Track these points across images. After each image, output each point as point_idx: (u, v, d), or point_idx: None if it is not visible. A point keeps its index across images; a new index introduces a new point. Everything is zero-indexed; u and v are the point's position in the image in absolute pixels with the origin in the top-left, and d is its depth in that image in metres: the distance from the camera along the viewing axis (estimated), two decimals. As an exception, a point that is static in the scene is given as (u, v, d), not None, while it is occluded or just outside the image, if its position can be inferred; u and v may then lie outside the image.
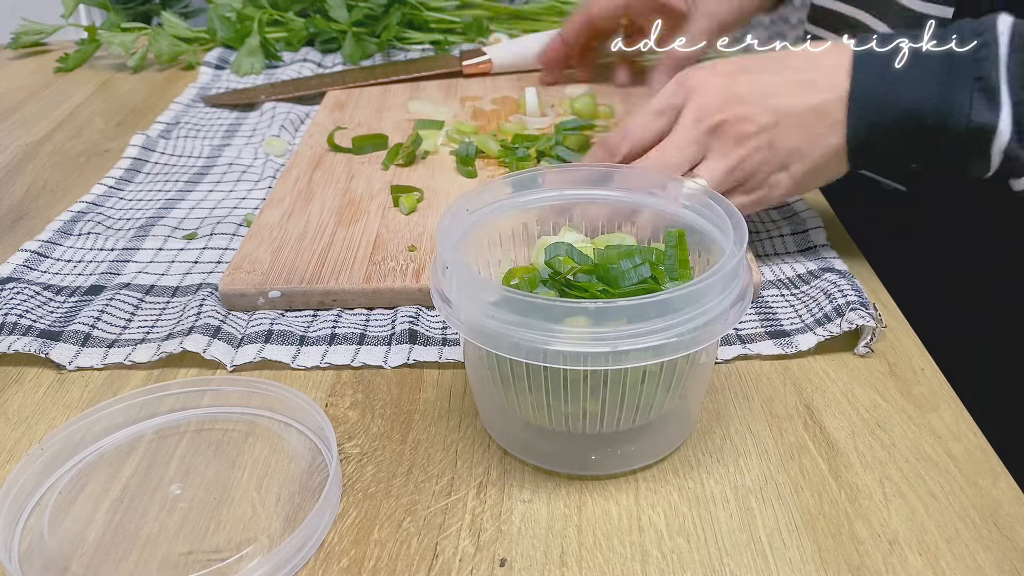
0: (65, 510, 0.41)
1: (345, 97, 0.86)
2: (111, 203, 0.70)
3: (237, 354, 0.51)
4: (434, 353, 0.50)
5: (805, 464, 0.43)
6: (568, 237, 0.45)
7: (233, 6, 1.04)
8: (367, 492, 0.42)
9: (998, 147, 0.49)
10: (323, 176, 0.69)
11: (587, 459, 0.42)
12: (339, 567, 0.38)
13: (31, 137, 0.84)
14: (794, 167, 0.54)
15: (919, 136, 0.51)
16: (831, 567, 0.37)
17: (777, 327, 0.52)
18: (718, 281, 0.38)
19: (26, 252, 0.62)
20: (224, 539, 0.39)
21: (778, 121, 0.53)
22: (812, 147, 0.53)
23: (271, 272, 0.56)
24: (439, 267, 0.41)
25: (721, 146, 0.54)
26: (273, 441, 0.45)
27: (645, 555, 0.38)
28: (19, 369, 0.51)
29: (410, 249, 0.58)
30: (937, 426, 0.45)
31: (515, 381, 0.40)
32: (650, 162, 0.55)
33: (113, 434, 0.45)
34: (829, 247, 0.59)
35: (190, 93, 0.92)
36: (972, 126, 0.49)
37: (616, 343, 0.36)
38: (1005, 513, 0.40)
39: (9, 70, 1.04)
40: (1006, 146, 0.49)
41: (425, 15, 1.04)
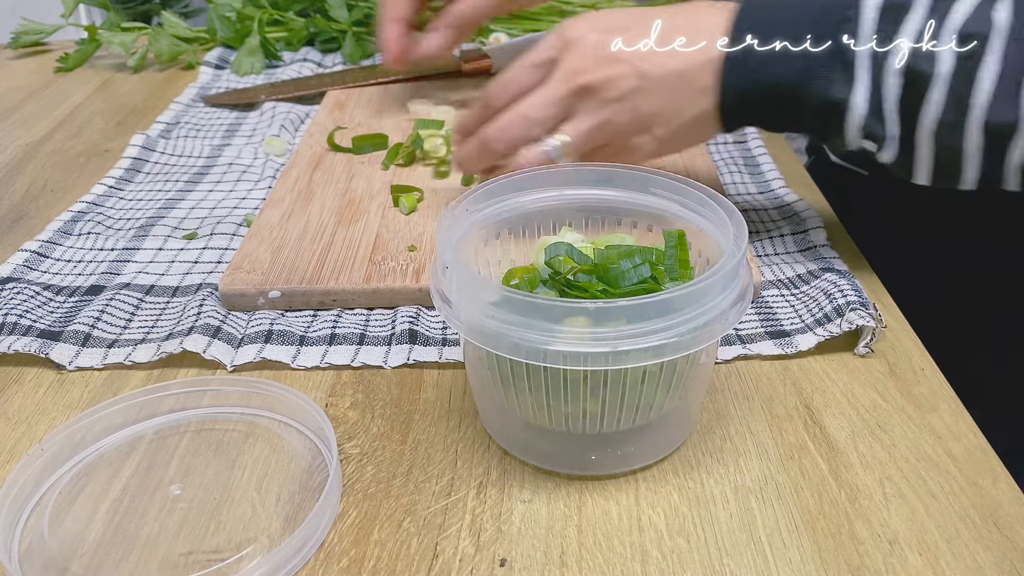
0: (65, 510, 0.41)
1: (345, 97, 0.86)
2: (111, 203, 0.70)
3: (237, 354, 0.51)
4: (434, 353, 0.50)
5: (805, 464, 0.43)
6: (568, 237, 0.45)
7: (233, 6, 1.04)
8: (367, 492, 0.42)
9: (853, 122, 0.50)
10: (323, 176, 0.69)
11: (587, 459, 0.42)
12: (339, 567, 0.38)
13: (31, 137, 0.84)
14: (657, 130, 0.55)
15: (783, 106, 0.52)
16: (831, 567, 0.37)
17: (777, 327, 0.52)
18: (718, 281, 0.38)
19: (26, 252, 0.62)
20: (224, 539, 0.39)
21: (643, 85, 0.53)
22: (677, 111, 0.54)
23: (271, 272, 0.56)
24: (439, 267, 0.41)
25: (586, 106, 0.54)
26: (273, 441, 0.45)
27: (645, 555, 0.38)
28: (19, 369, 0.51)
29: (410, 249, 0.58)
30: (937, 426, 0.45)
31: (515, 381, 0.40)
32: (511, 114, 0.56)
33: (113, 434, 0.45)
34: (829, 247, 0.59)
35: (190, 93, 0.92)
36: (828, 100, 0.50)
37: (616, 343, 0.36)
38: (1005, 513, 0.40)
39: (9, 70, 1.04)
40: (861, 122, 0.50)
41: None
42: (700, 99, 0.53)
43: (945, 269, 0.72)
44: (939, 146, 0.49)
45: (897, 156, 0.50)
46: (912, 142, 0.49)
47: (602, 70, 0.53)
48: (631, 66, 0.53)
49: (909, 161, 0.50)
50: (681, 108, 0.54)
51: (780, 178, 0.69)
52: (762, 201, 0.67)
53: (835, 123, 0.51)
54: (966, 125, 0.47)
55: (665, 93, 0.53)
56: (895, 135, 0.49)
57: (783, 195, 0.66)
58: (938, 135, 0.48)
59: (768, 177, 0.70)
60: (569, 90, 0.54)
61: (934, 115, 0.48)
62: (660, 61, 0.53)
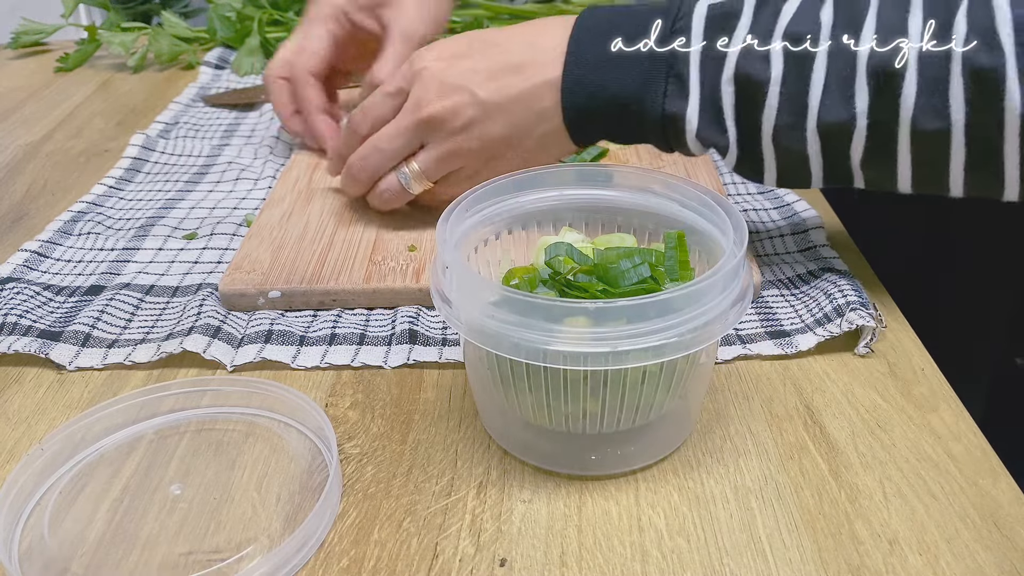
0: (65, 510, 0.41)
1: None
2: (111, 203, 0.70)
3: (237, 354, 0.51)
4: (434, 353, 0.50)
5: (805, 464, 0.43)
6: (568, 237, 0.45)
7: (233, 6, 1.04)
8: (367, 492, 0.42)
9: (690, 134, 0.51)
10: (323, 176, 0.69)
11: (587, 459, 0.42)
12: (339, 567, 0.38)
13: (31, 137, 0.84)
14: (509, 152, 0.56)
15: (625, 120, 0.53)
16: (831, 567, 0.37)
17: (777, 327, 0.52)
18: (718, 281, 0.38)
19: (26, 252, 0.62)
20: (224, 539, 0.39)
21: (484, 113, 0.54)
22: (524, 134, 0.55)
23: (271, 272, 0.56)
24: (439, 267, 0.41)
25: (434, 136, 0.56)
26: (273, 441, 0.45)
27: (645, 555, 0.38)
28: (19, 369, 0.51)
29: (410, 249, 0.58)
30: (937, 426, 0.45)
31: (515, 381, 0.40)
32: (367, 145, 0.58)
33: (113, 434, 0.45)
34: (829, 247, 0.59)
35: (190, 93, 0.92)
36: (665, 114, 0.51)
37: (616, 343, 0.36)
38: (1005, 513, 0.40)
39: (9, 70, 1.04)
40: (698, 132, 0.50)
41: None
42: (543, 120, 0.54)
43: (945, 269, 0.72)
44: (780, 149, 0.49)
45: (740, 161, 0.51)
46: (754, 147, 0.50)
47: (442, 101, 0.55)
48: (470, 95, 0.54)
49: (755, 165, 0.51)
50: (526, 131, 0.55)
51: (780, 178, 0.69)
52: (762, 201, 0.67)
53: (674, 135, 0.52)
54: (804, 127, 0.48)
55: (507, 118, 0.54)
56: (734, 142, 0.50)
57: (783, 195, 0.66)
58: (777, 139, 0.49)
59: (768, 177, 0.70)
60: (414, 122, 0.56)
61: (771, 119, 0.48)
62: (498, 87, 0.54)
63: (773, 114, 0.48)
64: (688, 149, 0.52)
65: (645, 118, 0.52)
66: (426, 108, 0.55)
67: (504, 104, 0.54)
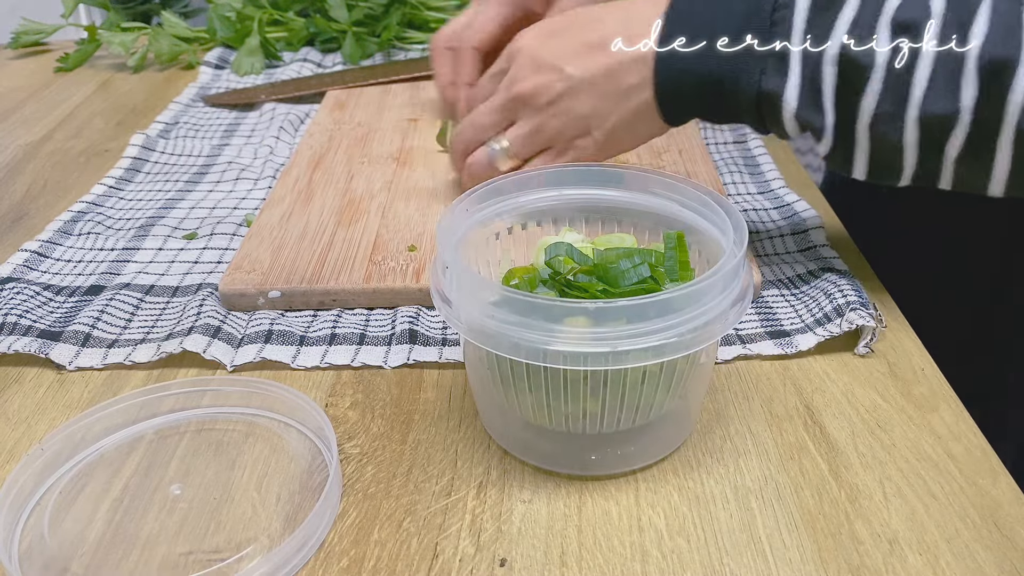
0: (65, 510, 0.41)
1: (345, 97, 0.86)
2: (111, 203, 0.70)
3: (237, 354, 0.51)
4: (434, 353, 0.50)
5: (805, 464, 0.43)
6: (568, 237, 0.45)
7: (233, 6, 1.04)
8: (367, 492, 0.42)
9: (788, 113, 0.49)
10: (323, 176, 0.69)
11: (587, 459, 0.42)
12: (339, 567, 0.38)
13: (31, 137, 0.84)
14: (596, 131, 0.56)
15: (719, 99, 0.51)
16: (831, 567, 0.37)
17: (777, 327, 0.52)
18: (718, 281, 0.38)
19: (26, 252, 0.62)
20: (224, 539, 0.39)
21: (572, 88, 0.54)
22: (611, 110, 0.54)
23: (271, 272, 0.56)
24: (439, 267, 0.41)
25: (525, 112, 0.57)
26: (273, 441, 0.45)
27: (645, 555, 0.38)
28: (19, 369, 0.51)
29: (410, 249, 0.58)
30: (937, 426, 0.45)
31: (515, 381, 0.40)
32: (466, 121, 0.60)
33: (113, 434, 0.45)
34: (829, 247, 0.59)
35: (190, 93, 0.92)
36: (761, 92, 0.49)
37: (616, 343, 0.36)
38: (1005, 513, 0.40)
39: (9, 70, 1.04)
40: (796, 113, 0.49)
41: (425, 15, 1.04)
42: (632, 96, 0.53)
43: (945, 269, 0.72)
44: (876, 138, 0.48)
45: (833, 148, 0.50)
46: (849, 134, 0.49)
47: (533, 78, 0.55)
48: (558, 71, 0.54)
49: (847, 154, 0.50)
50: (614, 107, 0.54)
51: (780, 178, 0.69)
52: (762, 201, 0.67)
53: (771, 114, 0.50)
54: (904, 116, 0.46)
55: (594, 94, 0.54)
56: (831, 125, 0.49)
57: (783, 195, 0.66)
58: (875, 127, 0.47)
59: (768, 177, 0.70)
60: (507, 99, 0.57)
61: (871, 106, 0.47)
62: (587, 62, 0.54)
63: (874, 101, 0.47)
64: (784, 130, 0.51)
65: (741, 96, 0.50)
66: (517, 85, 0.56)
67: (592, 78, 0.53)
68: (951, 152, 0.47)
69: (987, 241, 0.70)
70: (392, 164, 0.71)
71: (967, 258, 0.71)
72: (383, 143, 0.75)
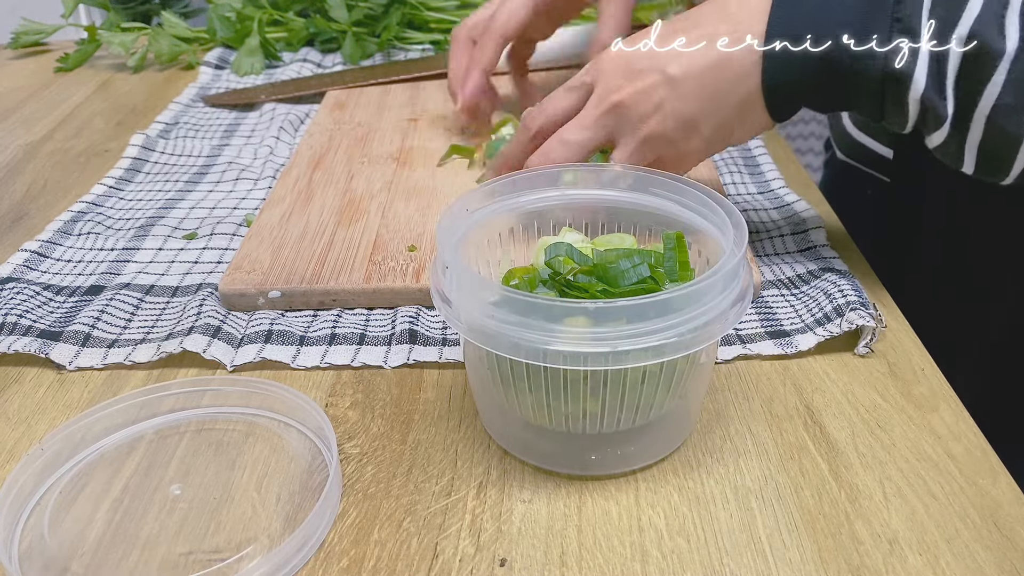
0: (65, 510, 0.41)
1: (345, 97, 0.86)
2: (111, 203, 0.70)
3: (237, 354, 0.51)
4: (434, 353, 0.50)
5: (805, 464, 0.43)
6: (568, 237, 0.45)
7: (233, 6, 1.04)
8: (367, 492, 0.42)
9: (914, 96, 0.47)
10: (323, 176, 0.69)
11: (587, 459, 0.42)
12: (339, 567, 0.38)
13: (31, 137, 0.84)
14: (704, 128, 0.53)
15: (835, 84, 0.49)
16: (831, 567, 0.37)
17: (777, 327, 0.52)
18: (718, 281, 0.38)
19: (26, 252, 0.62)
20: (224, 539, 0.39)
21: (675, 89, 0.52)
22: (718, 106, 0.52)
23: (271, 272, 0.56)
24: (439, 267, 0.41)
25: (625, 126, 0.53)
26: (273, 441, 0.45)
27: (645, 555, 0.38)
28: (19, 369, 0.51)
29: (410, 249, 0.58)
30: (937, 426, 0.45)
31: (515, 381, 0.40)
32: (552, 140, 0.55)
33: (113, 434, 0.45)
34: (829, 247, 0.59)
35: (190, 93, 0.92)
36: (887, 72, 0.47)
37: (616, 343, 0.36)
38: (1005, 513, 0.40)
39: (9, 70, 1.04)
40: (922, 94, 0.47)
41: (425, 15, 1.04)
42: (739, 86, 0.51)
43: (945, 269, 0.72)
44: (993, 130, 0.46)
45: (948, 137, 0.48)
46: (965, 124, 0.47)
47: (632, 85, 0.52)
48: (659, 73, 0.52)
49: (959, 145, 0.48)
50: (722, 101, 0.51)
51: (780, 178, 0.69)
52: (762, 201, 0.67)
53: (895, 97, 0.48)
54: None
55: (700, 91, 0.51)
56: (951, 113, 0.47)
57: (783, 195, 0.66)
58: (994, 118, 0.46)
59: (768, 177, 0.70)
60: (603, 110, 0.53)
61: (992, 96, 0.45)
62: (687, 60, 0.51)
63: (997, 91, 0.45)
64: (904, 115, 0.49)
65: (863, 79, 0.48)
66: (615, 93, 0.53)
67: (697, 74, 0.51)
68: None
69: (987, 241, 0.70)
70: (392, 164, 0.71)
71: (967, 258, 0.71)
72: (383, 143, 0.75)
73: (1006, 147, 0.47)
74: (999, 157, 0.48)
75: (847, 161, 0.81)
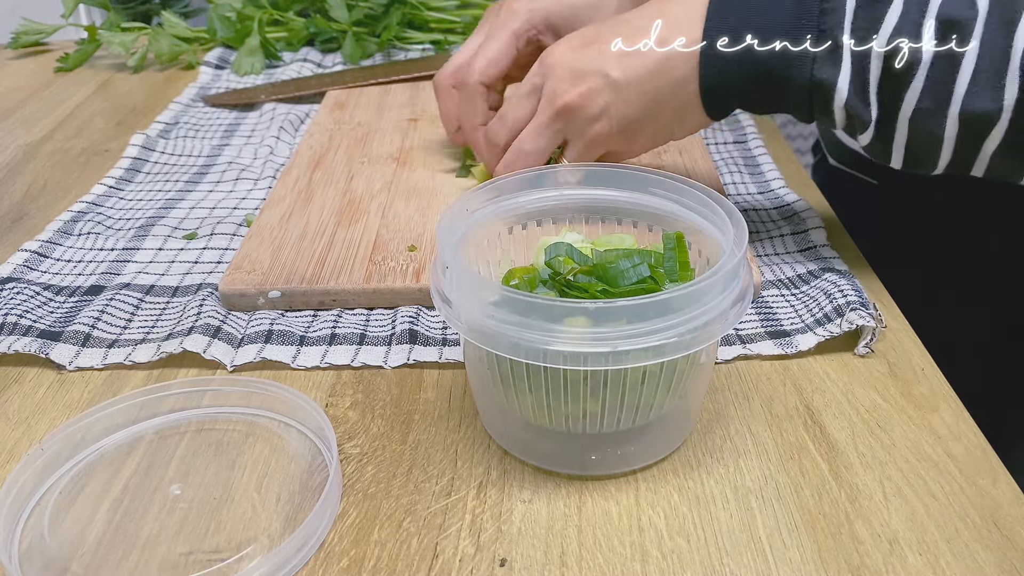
0: (65, 510, 0.41)
1: (345, 97, 0.86)
2: (111, 203, 0.70)
3: (237, 354, 0.51)
4: (434, 353, 0.50)
5: (805, 464, 0.43)
6: (568, 237, 0.45)
7: (233, 6, 1.04)
8: (367, 492, 0.42)
9: (839, 103, 0.49)
10: (323, 176, 0.69)
11: (587, 459, 0.42)
12: (339, 567, 0.38)
13: (31, 137, 0.84)
14: (647, 129, 0.55)
15: (767, 88, 0.51)
16: (831, 567, 0.37)
17: (777, 327, 0.52)
18: (718, 281, 0.38)
19: (26, 252, 0.62)
20: (224, 539, 0.39)
21: (618, 93, 0.53)
22: (660, 109, 0.54)
23: (271, 272, 0.56)
24: (439, 267, 0.41)
25: (574, 128, 0.55)
26: (273, 441, 0.45)
27: (645, 555, 0.38)
28: (19, 369, 0.51)
29: (410, 249, 0.58)
30: (937, 426, 0.45)
31: (515, 381, 0.40)
32: (511, 152, 0.58)
33: (113, 434, 0.45)
34: (829, 247, 0.59)
35: (190, 93, 0.92)
36: (813, 81, 0.49)
37: (616, 343, 0.36)
38: (1005, 513, 0.40)
39: (9, 70, 1.04)
40: (845, 102, 0.49)
41: (425, 15, 1.04)
42: (679, 91, 0.53)
43: (945, 269, 0.72)
44: (915, 132, 0.48)
45: (873, 140, 0.50)
46: (889, 126, 0.49)
47: (576, 88, 0.54)
48: (603, 77, 0.53)
49: (886, 145, 0.50)
50: (663, 104, 0.54)
51: (780, 178, 0.69)
52: (762, 201, 0.67)
53: (822, 104, 0.50)
54: (946, 112, 0.47)
55: (642, 95, 0.53)
56: (875, 118, 0.49)
57: (783, 195, 0.66)
58: (915, 121, 0.48)
59: (768, 177, 0.70)
60: (552, 115, 0.55)
61: (912, 101, 0.47)
62: (630, 63, 0.53)
63: (916, 96, 0.47)
64: (832, 120, 0.51)
65: (791, 85, 0.50)
66: (560, 98, 0.54)
67: (639, 79, 0.53)
68: (989, 146, 0.47)
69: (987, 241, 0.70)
70: (392, 164, 0.71)
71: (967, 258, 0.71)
72: (383, 143, 0.75)
73: (929, 146, 0.49)
74: (924, 154, 0.50)
75: (838, 167, 0.81)
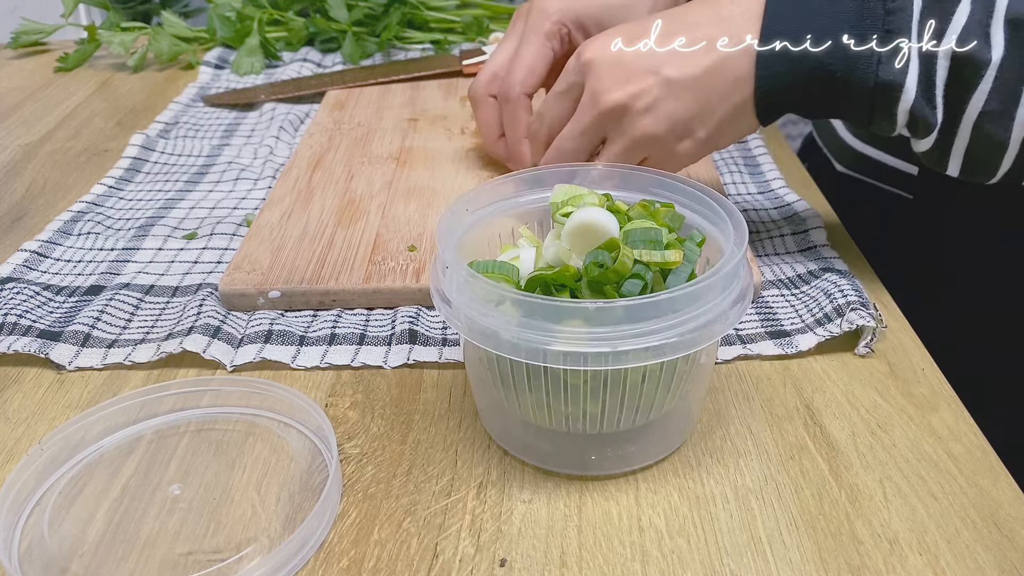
0: (65, 510, 0.41)
1: (345, 97, 0.86)
2: (111, 203, 0.70)
3: (237, 354, 0.51)
4: (434, 353, 0.50)
5: (805, 464, 0.43)
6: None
7: (233, 6, 1.04)
8: (367, 492, 0.42)
9: (904, 105, 0.48)
10: (323, 176, 0.69)
11: (587, 459, 0.42)
12: (339, 567, 0.38)
13: (31, 137, 0.84)
14: (699, 131, 0.53)
15: (827, 90, 0.50)
16: (831, 567, 0.37)
17: (777, 327, 0.52)
18: (718, 281, 0.38)
19: (26, 252, 0.61)
20: (224, 539, 0.39)
21: (670, 91, 0.51)
22: (713, 109, 0.52)
23: (271, 272, 0.56)
24: (439, 267, 0.41)
25: (618, 127, 0.53)
26: (273, 441, 0.45)
27: (645, 555, 0.38)
28: (19, 369, 0.51)
29: (410, 249, 0.58)
30: (937, 426, 0.45)
31: (515, 381, 0.40)
32: (552, 153, 0.56)
33: (113, 434, 0.45)
34: (829, 247, 0.59)
35: (190, 93, 0.92)
36: (879, 82, 0.48)
37: (616, 343, 0.36)
38: (1005, 513, 0.40)
39: (9, 70, 1.04)
40: (912, 104, 0.48)
41: (425, 15, 1.04)
42: (735, 92, 0.51)
43: (945, 269, 0.72)
44: (979, 136, 0.47)
45: (935, 143, 0.49)
46: (953, 130, 0.48)
47: (625, 87, 0.52)
48: (655, 75, 0.51)
49: (945, 150, 0.49)
50: (717, 105, 0.52)
51: (780, 178, 0.69)
52: (762, 201, 0.67)
53: (885, 106, 0.48)
54: (1013, 115, 0.46)
55: (696, 94, 0.51)
56: (939, 121, 0.48)
57: (783, 195, 0.66)
58: (980, 124, 0.47)
59: (768, 177, 0.70)
60: (597, 115, 0.53)
61: (979, 103, 0.46)
62: (684, 62, 0.51)
63: (983, 98, 0.46)
64: (893, 123, 0.49)
65: (854, 87, 0.48)
66: (606, 96, 0.52)
67: (693, 78, 0.51)
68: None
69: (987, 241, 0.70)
70: (392, 164, 0.71)
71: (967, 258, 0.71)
72: (383, 143, 0.75)
73: (992, 151, 0.48)
74: (985, 161, 0.49)
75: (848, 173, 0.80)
